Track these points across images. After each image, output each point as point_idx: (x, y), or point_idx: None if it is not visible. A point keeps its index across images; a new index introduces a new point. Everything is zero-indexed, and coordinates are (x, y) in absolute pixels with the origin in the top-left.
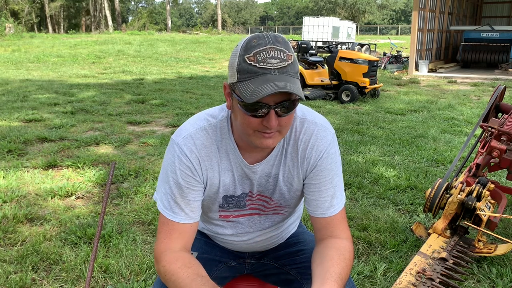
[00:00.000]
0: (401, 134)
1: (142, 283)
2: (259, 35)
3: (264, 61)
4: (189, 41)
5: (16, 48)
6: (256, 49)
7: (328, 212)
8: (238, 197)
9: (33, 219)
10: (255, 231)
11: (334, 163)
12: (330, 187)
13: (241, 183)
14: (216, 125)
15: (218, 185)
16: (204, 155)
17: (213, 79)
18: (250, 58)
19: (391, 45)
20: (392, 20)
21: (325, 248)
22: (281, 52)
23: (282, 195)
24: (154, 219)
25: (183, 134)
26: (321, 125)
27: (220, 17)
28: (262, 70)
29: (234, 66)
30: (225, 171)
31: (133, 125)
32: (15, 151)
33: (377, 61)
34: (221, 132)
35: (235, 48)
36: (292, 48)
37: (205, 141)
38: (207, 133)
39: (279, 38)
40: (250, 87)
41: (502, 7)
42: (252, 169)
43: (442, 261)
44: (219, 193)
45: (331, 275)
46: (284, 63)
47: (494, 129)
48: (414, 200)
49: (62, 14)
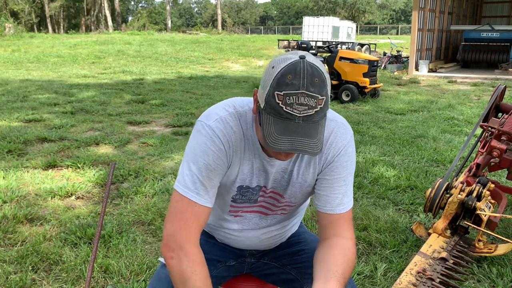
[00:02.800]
0: (401, 134)
1: (142, 283)
2: (296, 69)
3: (292, 106)
4: (189, 41)
5: (16, 48)
6: (288, 91)
7: (337, 209)
8: (252, 189)
9: (33, 219)
10: (260, 228)
11: (350, 162)
12: (342, 184)
13: (258, 175)
14: (243, 114)
15: (237, 173)
16: (233, 140)
17: (213, 79)
18: (279, 97)
19: (391, 45)
20: (392, 20)
21: (329, 247)
22: (312, 98)
23: (294, 192)
24: (154, 219)
25: (213, 117)
26: (341, 123)
27: (220, 17)
28: (287, 115)
29: (265, 91)
30: (246, 160)
31: (133, 125)
32: (15, 151)
33: (377, 61)
34: (246, 122)
35: (271, 69)
36: (327, 85)
37: (234, 127)
38: (236, 119)
39: (315, 78)
40: (272, 130)
41: (502, 7)
42: (270, 162)
43: (442, 261)
44: (235, 182)
45: (334, 274)
46: (311, 111)
47: (494, 129)
48: (414, 200)
49: (62, 14)
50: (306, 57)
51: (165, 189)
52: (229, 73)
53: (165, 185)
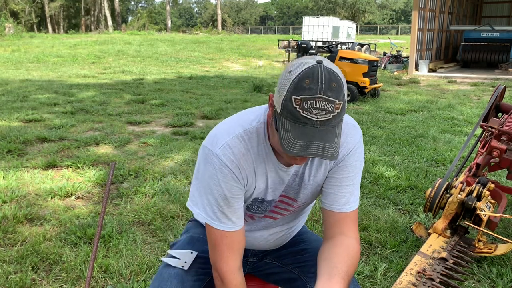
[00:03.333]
0: (401, 134)
1: (142, 283)
2: (313, 73)
3: (309, 110)
4: (189, 41)
5: (16, 48)
6: (305, 95)
7: (344, 208)
8: (267, 202)
9: (33, 219)
10: (268, 228)
11: (359, 162)
12: (350, 184)
13: (273, 189)
14: (252, 131)
15: (253, 190)
16: (243, 163)
17: (213, 79)
18: (296, 101)
19: (391, 45)
20: (392, 20)
21: (334, 245)
22: (330, 103)
23: (306, 195)
24: (154, 219)
25: (219, 143)
26: (351, 124)
27: (220, 17)
28: (304, 120)
29: (281, 95)
30: (260, 176)
31: (133, 125)
32: (15, 151)
33: (377, 61)
34: (258, 137)
35: (288, 73)
36: (345, 90)
37: (242, 149)
38: (244, 141)
39: (333, 83)
40: (289, 135)
41: (502, 7)
42: (287, 172)
43: (442, 261)
44: (252, 196)
45: (338, 271)
46: (329, 115)
47: (494, 129)
48: (414, 200)
49: (62, 14)
50: (323, 62)
51: (165, 189)
52: (229, 73)
53: (165, 185)
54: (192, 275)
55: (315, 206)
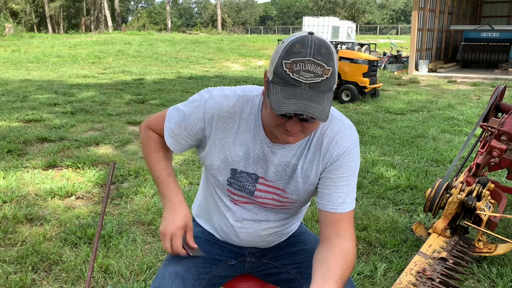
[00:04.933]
0: (401, 134)
1: (142, 283)
2: (304, 40)
3: (299, 72)
4: (189, 41)
5: (16, 48)
6: (295, 58)
7: (339, 208)
8: (247, 175)
9: (33, 219)
10: (261, 222)
11: (354, 162)
12: (346, 184)
13: (255, 163)
14: (249, 98)
15: (227, 153)
16: (223, 116)
17: (213, 79)
18: (287, 65)
19: (391, 45)
20: (392, 20)
21: (330, 247)
22: (319, 66)
23: (297, 187)
24: (154, 219)
25: (219, 91)
26: (348, 124)
27: (220, 17)
28: (294, 82)
29: (273, 64)
30: (240, 143)
31: (133, 125)
32: (15, 151)
33: (377, 61)
34: (251, 106)
35: (281, 44)
36: (334, 60)
37: (231, 108)
38: (238, 102)
39: (322, 49)
40: (278, 96)
41: (502, 7)
42: (272, 149)
43: (442, 261)
44: (226, 162)
45: (332, 275)
46: (317, 78)
47: (494, 129)
48: (414, 200)
49: (61, 14)
50: (314, 33)
51: None
52: (229, 73)
53: None
54: (193, 274)
55: (316, 206)
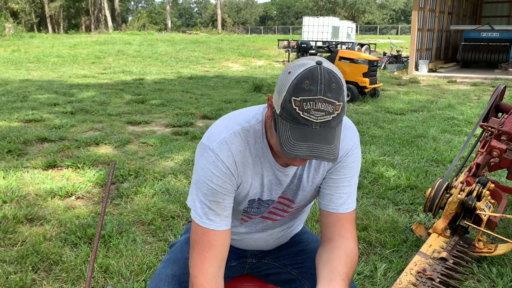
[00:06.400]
0: (401, 134)
1: (142, 283)
2: (313, 74)
3: (309, 112)
4: (189, 41)
5: (16, 48)
6: (305, 96)
7: (341, 209)
8: (263, 202)
9: (33, 219)
10: (267, 230)
11: (356, 163)
12: (347, 185)
13: (270, 189)
14: (250, 129)
15: (249, 189)
16: (239, 160)
17: (213, 79)
18: (296, 103)
19: (391, 45)
20: (392, 20)
21: (333, 248)
22: (330, 104)
23: (305, 196)
24: (154, 219)
25: (217, 139)
26: (348, 126)
27: (220, 17)
28: (304, 121)
29: (281, 96)
30: (256, 175)
31: (133, 125)
32: (15, 151)
33: (377, 61)
34: (255, 135)
35: (287, 74)
36: (344, 91)
37: (239, 146)
38: (241, 138)
39: (333, 84)
40: (288, 136)
41: (502, 7)
42: (285, 172)
43: (442, 261)
44: (247, 197)
45: (339, 273)
46: (328, 116)
47: (494, 129)
48: (414, 200)
49: (61, 14)
50: (323, 62)
51: (165, 189)
52: (229, 73)
53: (165, 185)
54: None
55: (316, 206)
